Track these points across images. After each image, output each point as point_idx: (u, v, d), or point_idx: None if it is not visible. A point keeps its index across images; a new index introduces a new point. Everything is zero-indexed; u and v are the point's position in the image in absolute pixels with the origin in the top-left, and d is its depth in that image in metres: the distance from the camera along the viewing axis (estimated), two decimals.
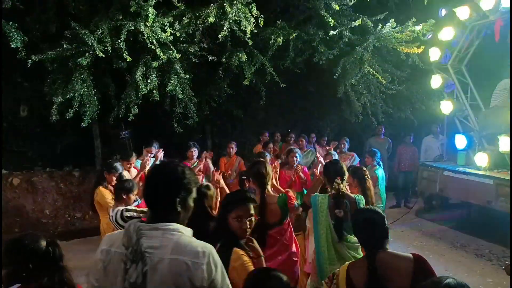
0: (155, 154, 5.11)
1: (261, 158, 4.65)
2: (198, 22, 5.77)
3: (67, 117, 5.57)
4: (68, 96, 5.49)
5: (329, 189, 3.24)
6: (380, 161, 5.99)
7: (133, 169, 4.77)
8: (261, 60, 6.51)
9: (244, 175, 4.08)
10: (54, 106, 5.51)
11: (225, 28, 5.65)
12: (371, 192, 3.66)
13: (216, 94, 7.38)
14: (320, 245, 3.08)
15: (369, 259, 2.01)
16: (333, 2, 6.35)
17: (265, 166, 3.26)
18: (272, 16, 6.57)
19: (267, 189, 3.21)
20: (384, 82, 7.21)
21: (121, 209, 3.44)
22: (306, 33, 6.75)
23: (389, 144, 8.32)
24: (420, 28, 6.55)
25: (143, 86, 5.68)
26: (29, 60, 5.09)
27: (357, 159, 6.52)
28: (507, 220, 5.13)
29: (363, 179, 3.73)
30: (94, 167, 7.68)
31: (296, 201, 3.33)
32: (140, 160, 4.94)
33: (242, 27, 5.77)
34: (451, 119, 7.36)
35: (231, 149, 6.24)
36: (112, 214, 3.47)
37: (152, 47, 5.43)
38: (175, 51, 5.69)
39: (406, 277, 1.89)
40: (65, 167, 7.64)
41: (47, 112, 5.69)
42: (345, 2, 6.53)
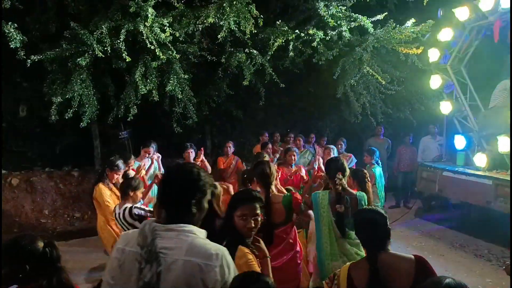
0: (152, 155, 5.10)
1: (260, 158, 4.65)
2: (197, 22, 5.78)
3: (66, 117, 5.58)
4: (67, 96, 5.49)
5: (331, 186, 3.23)
6: (379, 160, 6.00)
7: (131, 171, 4.77)
8: (261, 61, 6.51)
9: (248, 175, 4.05)
10: (53, 106, 5.51)
11: (224, 29, 5.66)
12: (370, 194, 3.67)
13: (216, 94, 7.38)
14: (322, 241, 3.08)
15: (371, 260, 2.00)
16: (333, 3, 6.36)
17: (269, 166, 3.27)
18: (272, 16, 6.57)
19: (272, 189, 3.21)
20: (384, 82, 7.21)
21: (130, 206, 3.43)
22: (306, 34, 6.76)
23: (388, 145, 8.32)
24: (419, 29, 6.56)
25: (142, 86, 5.68)
26: (28, 60, 5.09)
27: (354, 160, 6.53)
28: (506, 221, 5.14)
29: (363, 181, 3.76)
30: (93, 167, 7.68)
31: (302, 203, 3.30)
32: (138, 162, 4.93)
33: (241, 28, 5.78)
34: (450, 120, 7.36)
35: (228, 148, 6.25)
36: (119, 211, 3.45)
37: (152, 47, 5.43)
38: (175, 51, 5.69)
39: (407, 278, 1.89)
40: (64, 167, 7.63)
41: (47, 112, 5.69)
42: (344, 3, 6.54)
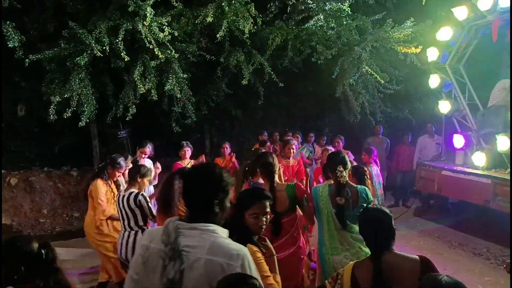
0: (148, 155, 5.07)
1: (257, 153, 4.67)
2: (196, 21, 5.77)
3: (65, 117, 5.56)
4: (66, 95, 5.48)
5: (332, 179, 3.21)
6: (377, 159, 6.02)
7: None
8: (260, 60, 6.50)
9: (250, 168, 4.01)
10: (52, 106, 5.50)
11: (223, 28, 5.65)
12: (371, 191, 3.67)
13: (215, 94, 7.38)
14: (323, 234, 3.06)
15: (375, 260, 1.98)
16: (332, 2, 6.36)
17: (271, 156, 3.31)
18: (270, 16, 6.56)
19: (275, 178, 3.22)
20: (382, 81, 7.21)
21: (136, 192, 3.44)
22: (305, 33, 6.76)
23: (387, 144, 8.32)
24: (418, 28, 6.56)
25: (141, 85, 5.67)
26: (26, 59, 5.08)
27: (351, 156, 6.53)
28: (505, 219, 5.14)
29: (363, 178, 3.76)
30: (92, 166, 7.66)
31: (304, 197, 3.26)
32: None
33: (240, 27, 5.78)
34: (449, 119, 7.37)
35: (225, 149, 6.25)
36: (124, 193, 3.46)
37: (150, 47, 5.42)
38: (173, 51, 5.69)
39: (412, 279, 1.86)
40: (63, 167, 7.63)
41: (45, 112, 5.68)
42: (343, 2, 6.53)
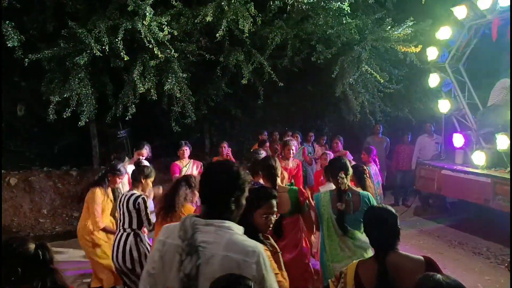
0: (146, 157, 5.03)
1: (256, 155, 4.69)
2: (195, 21, 5.77)
3: (65, 117, 5.56)
4: (65, 95, 5.48)
5: (333, 185, 3.22)
6: (376, 158, 6.05)
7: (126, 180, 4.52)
8: (259, 59, 6.50)
9: (251, 169, 4.03)
10: (51, 106, 5.49)
11: (223, 27, 5.65)
12: (370, 190, 3.67)
13: (214, 93, 7.38)
14: (323, 240, 3.06)
15: (379, 260, 1.97)
16: (331, 2, 6.35)
17: (274, 159, 3.37)
18: (270, 15, 6.56)
19: (277, 180, 3.25)
20: (382, 81, 7.21)
21: (137, 195, 3.42)
22: (304, 32, 6.75)
23: (387, 143, 8.33)
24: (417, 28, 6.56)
25: (140, 85, 5.67)
26: (26, 59, 5.07)
27: (350, 156, 6.54)
28: (505, 219, 5.15)
29: (362, 177, 3.75)
30: (91, 166, 7.67)
31: (306, 202, 3.30)
32: (131, 165, 4.81)
33: (240, 26, 5.77)
34: (449, 118, 7.37)
35: (223, 148, 6.24)
36: (127, 194, 3.46)
37: (150, 46, 5.42)
38: (173, 50, 5.68)
39: (416, 280, 1.86)
40: (62, 167, 7.62)
41: (45, 111, 5.67)
42: (343, 1, 6.53)
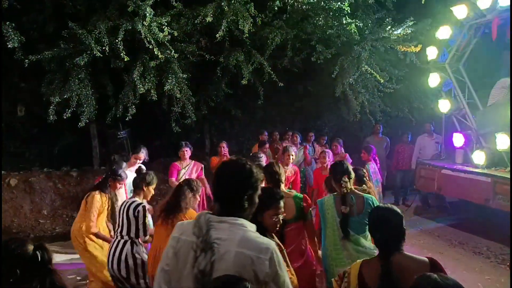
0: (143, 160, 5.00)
1: (256, 158, 4.67)
2: (195, 21, 5.77)
3: (65, 117, 5.56)
4: (65, 96, 5.48)
5: (337, 190, 3.21)
6: (376, 157, 6.09)
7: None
8: (259, 60, 6.50)
9: None
10: (51, 106, 5.49)
11: (222, 28, 5.65)
12: (372, 190, 3.68)
13: (214, 94, 7.37)
14: (326, 245, 3.05)
15: (384, 260, 1.96)
16: (331, 2, 6.36)
17: (278, 165, 3.36)
18: (270, 15, 6.56)
19: (282, 187, 3.24)
20: (382, 81, 7.21)
21: (138, 203, 3.40)
22: (304, 32, 6.75)
23: (387, 143, 8.33)
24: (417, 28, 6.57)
25: (140, 85, 5.67)
26: (26, 60, 5.07)
27: (349, 160, 6.57)
28: (505, 218, 5.15)
29: (362, 180, 3.76)
30: (92, 167, 7.67)
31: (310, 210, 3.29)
32: (129, 170, 4.74)
33: (240, 27, 5.77)
34: (449, 118, 7.37)
35: (222, 148, 6.23)
36: (128, 200, 3.45)
37: (150, 47, 5.42)
38: (173, 51, 5.68)
39: None
40: (62, 168, 7.61)
41: (45, 112, 5.67)
42: (343, 1, 6.53)
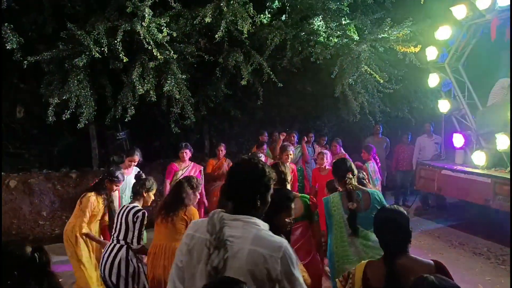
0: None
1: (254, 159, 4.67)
2: (194, 22, 5.76)
3: (64, 118, 5.55)
4: (64, 97, 5.47)
5: (340, 188, 3.21)
6: (376, 156, 6.12)
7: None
8: (258, 60, 6.49)
9: None
10: (50, 107, 5.48)
11: (221, 28, 5.64)
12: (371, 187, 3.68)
13: (213, 94, 7.36)
14: (333, 243, 3.04)
15: (389, 262, 1.94)
16: (330, 2, 6.35)
17: (284, 165, 3.35)
18: (269, 15, 6.56)
19: (287, 187, 3.24)
20: (382, 81, 7.20)
21: (139, 209, 3.36)
22: (303, 33, 6.74)
23: (386, 143, 8.32)
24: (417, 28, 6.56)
25: (139, 86, 5.65)
26: (25, 61, 5.06)
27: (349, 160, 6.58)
28: (505, 219, 5.14)
29: (362, 183, 3.75)
30: (91, 168, 7.65)
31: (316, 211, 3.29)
32: (125, 172, 4.73)
33: (239, 27, 5.77)
34: (449, 118, 7.37)
35: (220, 152, 6.21)
36: (128, 206, 3.42)
37: (149, 48, 5.41)
38: (172, 52, 5.67)
39: None
40: (62, 169, 7.59)
41: (44, 113, 5.66)
42: (342, 2, 6.53)
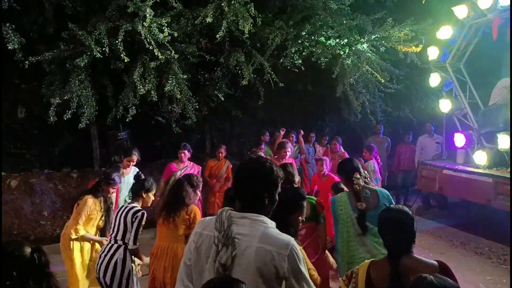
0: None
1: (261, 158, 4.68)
2: (195, 22, 5.76)
3: (65, 118, 5.55)
4: (65, 97, 5.46)
5: (347, 188, 3.20)
6: (377, 156, 6.15)
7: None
8: (259, 60, 6.48)
9: None
10: (51, 108, 5.48)
11: (223, 28, 5.64)
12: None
13: (215, 94, 7.36)
14: (339, 242, 3.03)
15: (393, 262, 1.93)
16: (331, 2, 6.34)
17: (292, 166, 3.37)
18: (270, 15, 6.55)
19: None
20: (383, 81, 7.19)
21: (138, 209, 3.33)
22: (305, 33, 6.74)
23: (388, 143, 8.32)
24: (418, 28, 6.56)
25: (141, 86, 5.65)
26: (26, 61, 5.07)
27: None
28: (507, 218, 5.13)
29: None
30: (92, 168, 7.66)
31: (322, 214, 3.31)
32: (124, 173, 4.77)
33: (240, 27, 5.76)
34: (450, 118, 7.36)
35: (220, 153, 6.20)
36: (127, 206, 3.38)
37: (150, 48, 5.41)
38: (173, 51, 5.67)
39: None
40: (63, 169, 7.60)
41: (45, 113, 5.67)
42: (343, 1, 6.52)
